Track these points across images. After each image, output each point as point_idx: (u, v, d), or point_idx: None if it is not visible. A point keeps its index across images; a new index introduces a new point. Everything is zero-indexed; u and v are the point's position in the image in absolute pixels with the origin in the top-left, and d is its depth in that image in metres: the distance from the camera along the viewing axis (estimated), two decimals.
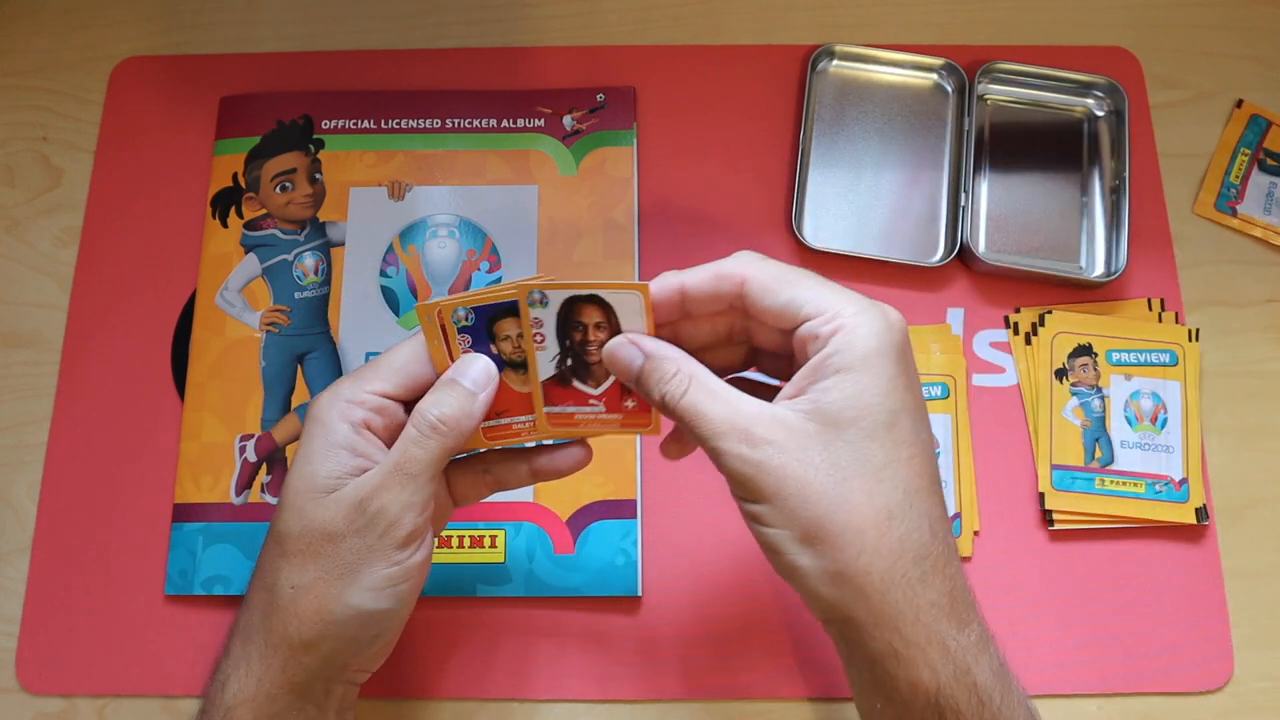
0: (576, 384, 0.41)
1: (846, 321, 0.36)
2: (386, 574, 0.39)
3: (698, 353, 0.40)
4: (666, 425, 0.42)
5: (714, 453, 0.37)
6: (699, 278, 0.39)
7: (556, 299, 0.39)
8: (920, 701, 0.36)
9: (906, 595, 0.35)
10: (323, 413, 0.40)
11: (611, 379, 0.41)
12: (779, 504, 0.36)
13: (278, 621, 0.39)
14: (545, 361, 0.40)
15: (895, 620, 0.35)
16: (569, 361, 0.40)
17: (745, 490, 0.37)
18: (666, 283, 0.39)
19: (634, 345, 0.39)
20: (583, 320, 0.39)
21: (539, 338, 0.40)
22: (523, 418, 0.42)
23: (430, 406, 0.39)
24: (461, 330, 0.40)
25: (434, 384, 0.41)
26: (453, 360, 0.41)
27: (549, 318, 0.39)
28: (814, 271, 0.39)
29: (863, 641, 0.36)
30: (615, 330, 0.39)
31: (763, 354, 0.42)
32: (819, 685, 0.52)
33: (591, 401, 0.41)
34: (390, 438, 0.40)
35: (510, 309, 0.40)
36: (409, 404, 0.41)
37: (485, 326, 0.40)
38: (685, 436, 0.42)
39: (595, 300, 0.39)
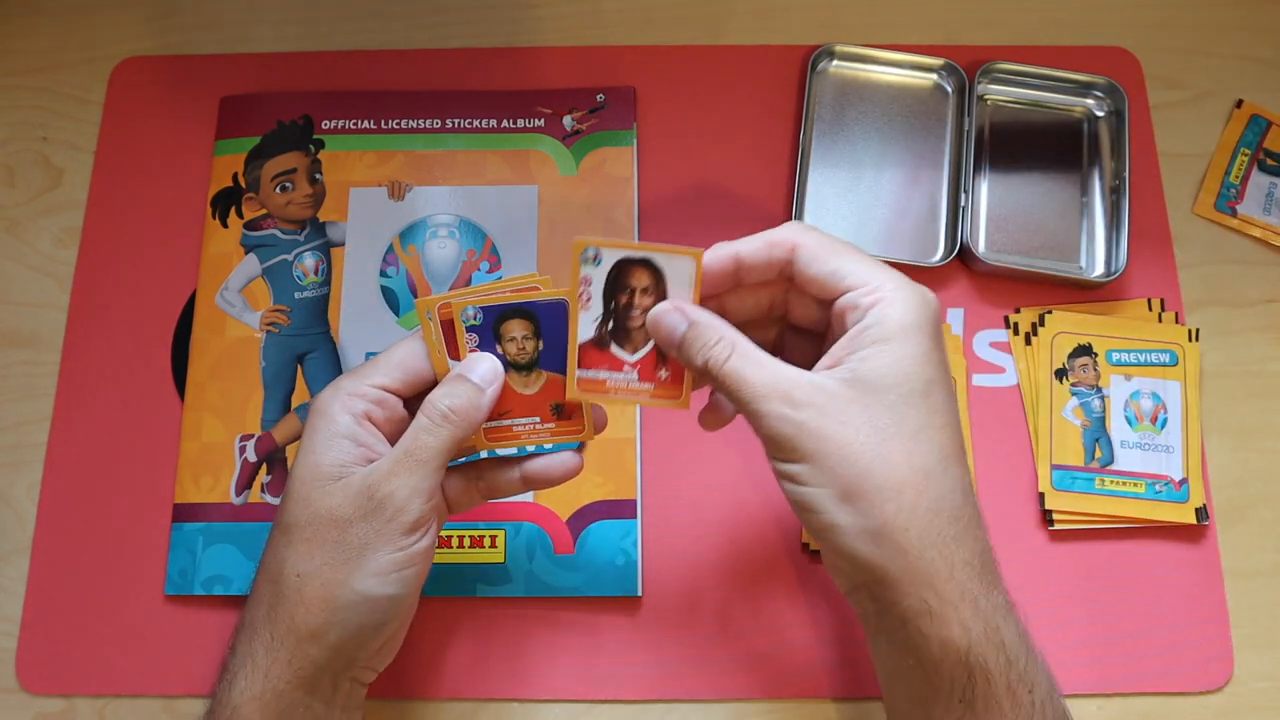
0: (614, 349, 0.41)
1: (886, 295, 0.38)
2: (392, 559, 0.40)
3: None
4: (696, 401, 0.42)
5: (755, 415, 0.38)
6: (753, 246, 0.40)
7: (609, 259, 0.39)
8: (951, 659, 0.37)
9: (942, 553, 0.36)
10: (325, 405, 0.41)
11: (648, 347, 0.41)
12: (819, 462, 0.37)
13: (284, 611, 0.39)
14: (587, 322, 0.41)
15: (931, 577, 0.36)
16: (610, 325, 0.41)
17: (785, 450, 0.38)
18: (721, 252, 0.40)
19: (679, 312, 0.40)
20: (631, 283, 0.40)
21: (585, 296, 0.40)
22: (524, 420, 0.43)
23: (441, 397, 0.40)
24: (469, 329, 0.41)
25: (432, 380, 0.42)
26: (451, 357, 0.42)
27: (598, 277, 0.40)
28: (858, 247, 0.40)
29: (895, 600, 0.37)
30: (662, 297, 0.40)
31: (792, 336, 0.43)
32: (819, 685, 0.52)
33: (626, 368, 0.41)
34: (390, 430, 0.42)
35: (517, 311, 0.40)
36: (409, 399, 0.42)
37: (492, 326, 0.41)
38: (721, 407, 0.43)
39: (647, 264, 0.39)
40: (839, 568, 0.39)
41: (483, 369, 0.41)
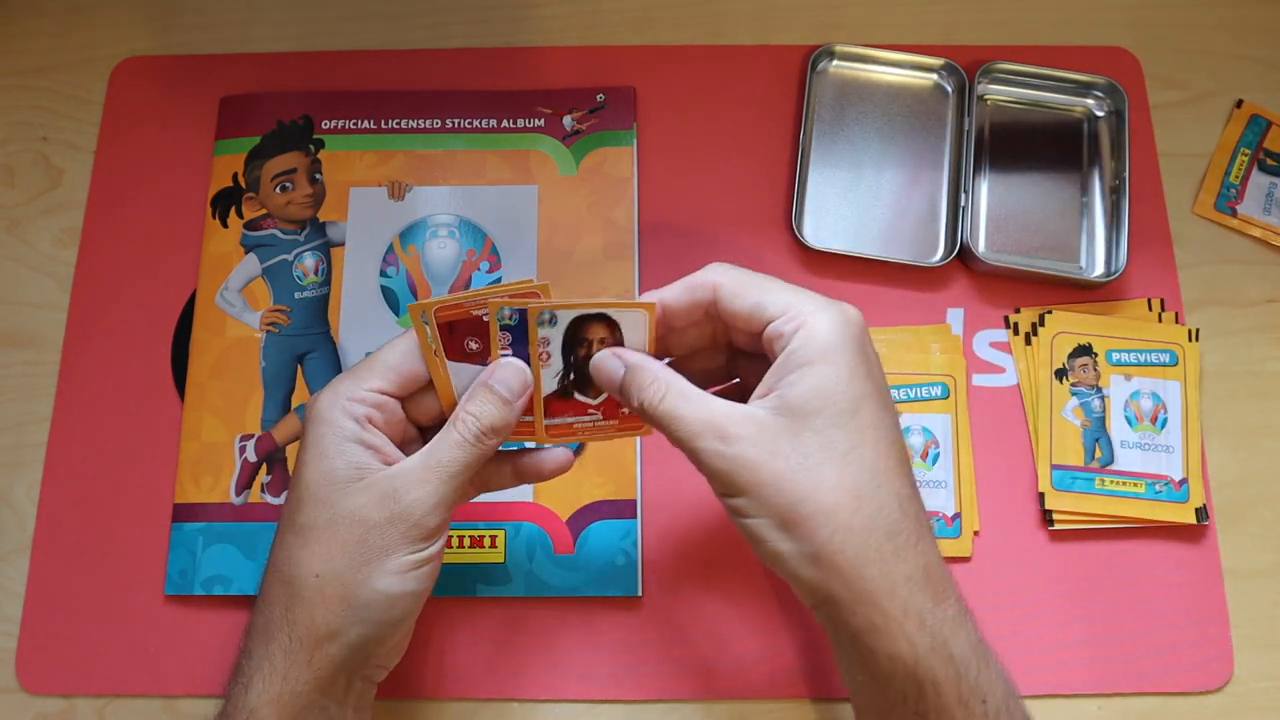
0: (577, 395, 0.43)
1: (807, 319, 0.39)
2: (410, 558, 0.40)
3: (686, 358, 0.44)
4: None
5: (692, 453, 0.39)
6: (674, 292, 0.42)
7: (564, 318, 0.41)
8: (900, 673, 0.38)
9: (881, 570, 0.37)
10: (326, 411, 0.41)
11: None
12: (755, 494, 0.38)
13: (302, 612, 0.40)
14: (549, 378, 0.42)
15: (873, 595, 0.37)
16: (571, 376, 0.42)
17: (723, 485, 0.39)
18: (646, 300, 0.42)
19: (617, 358, 0.41)
20: (588, 336, 0.41)
21: (544, 356, 0.42)
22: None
23: (477, 414, 0.41)
24: (503, 328, 0.41)
25: (426, 380, 0.42)
26: (472, 361, 0.42)
27: (556, 336, 0.41)
28: (777, 279, 0.41)
29: (844, 619, 0.38)
30: (619, 344, 0.42)
31: (742, 358, 0.44)
32: (819, 685, 0.52)
33: (590, 411, 0.44)
34: (391, 432, 0.42)
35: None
36: (405, 399, 0.43)
37: (527, 328, 0.41)
38: None
39: (603, 319, 0.41)
40: (794, 589, 0.40)
41: (512, 380, 0.42)
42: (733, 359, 0.45)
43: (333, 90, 0.62)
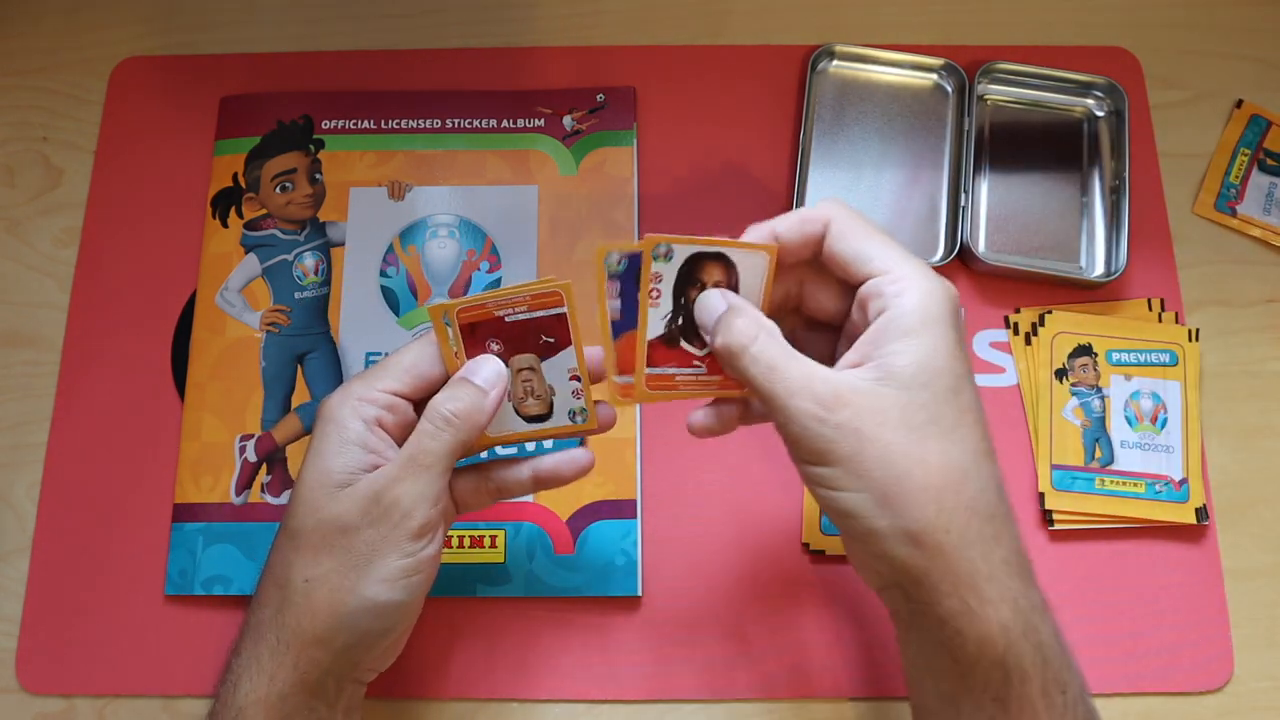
0: (684, 344, 0.41)
1: (912, 285, 0.37)
2: (400, 565, 0.40)
3: None
4: (681, 407, 0.42)
5: (784, 411, 0.37)
6: (789, 222, 0.40)
7: (680, 254, 0.39)
8: (988, 659, 0.36)
9: (982, 552, 0.36)
10: (334, 410, 0.41)
11: None
12: (855, 466, 0.36)
13: (291, 616, 0.39)
14: (656, 319, 0.40)
15: (972, 577, 0.36)
16: (680, 321, 0.40)
17: (816, 453, 0.37)
18: (759, 231, 0.40)
19: (721, 297, 0.40)
20: (702, 278, 0.40)
21: (655, 293, 0.40)
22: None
23: (444, 401, 0.40)
24: (611, 276, 0.40)
25: (443, 382, 0.42)
26: (462, 359, 0.42)
27: (669, 273, 0.39)
28: (887, 231, 0.40)
29: (934, 600, 0.36)
30: (734, 289, 0.40)
31: (805, 333, 0.43)
32: (819, 685, 0.52)
33: (695, 363, 0.41)
34: (401, 435, 0.41)
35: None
36: (419, 404, 0.42)
37: (635, 276, 0.40)
38: (720, 414, 0.42)
39: (721, 258, 0.39)
40: (873, 569, 0.39)
41: (486, 371, 0.41)
42: (796, 332, 0.43)
43: (333, 90, 0.62)
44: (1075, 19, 0.65)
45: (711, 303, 0.40)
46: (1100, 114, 0.62)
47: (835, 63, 0.63)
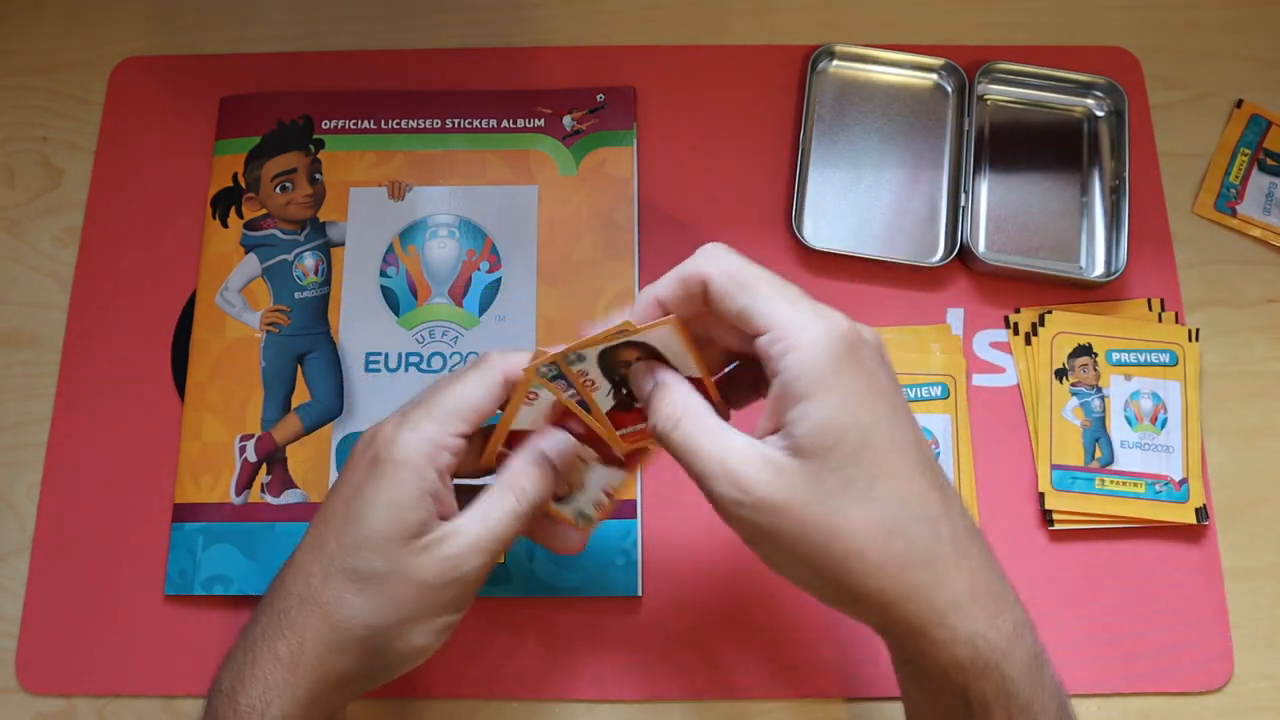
0: (637, 404, 0.42)
1: (795, 340, 0.36)
2: (450, 620, 0.41)
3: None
4: None
5: (709, 495, 0.38)
6: (668, 286, 0.39)
7: (591, 354, 0.40)
8: (949, 693, 0.37)
9: (924, 602, 0.36)
10: (409, 454, 0.39)
11: None
12: (780, 543, 0.36)
13: (341, 659, 0.40)
14: (603, 398, 0.41)
15: (920, 626, 0.36)
16: (624, 390, 0.41)
17: (746, 535, 0.38)
18: (645, 299, 0.39)
19: (649, 373, 0.40)
20: (621, 359, 0.40)
21: (589, 383, 0.41)
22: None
23: (533, 486, 0.41)
24: (553, 379, 0.40)
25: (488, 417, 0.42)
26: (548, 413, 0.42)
27: (590, 366, 0.40)
28: (769, 274, 0.38)
29: (892, 645, 0.39)
30: (656, 354, 0.40)
31: (748, 363, 0.42)
32: (819, 686, 0.52)
33: None
34: (457, 474, 0.41)
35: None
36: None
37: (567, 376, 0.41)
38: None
39: (630, 345, 0.40)
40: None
41: (565, 451, 0.42)
42: (738, 368, 0.43)
43: (333, 90, 0.62)
44: (1075, 19, 0.65)
45: (639, 380, 0.40)
46: (1100, 114, 0.62)
47: (835, 63, 0.63)
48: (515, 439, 0.43)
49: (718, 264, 0.38)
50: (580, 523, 0.45)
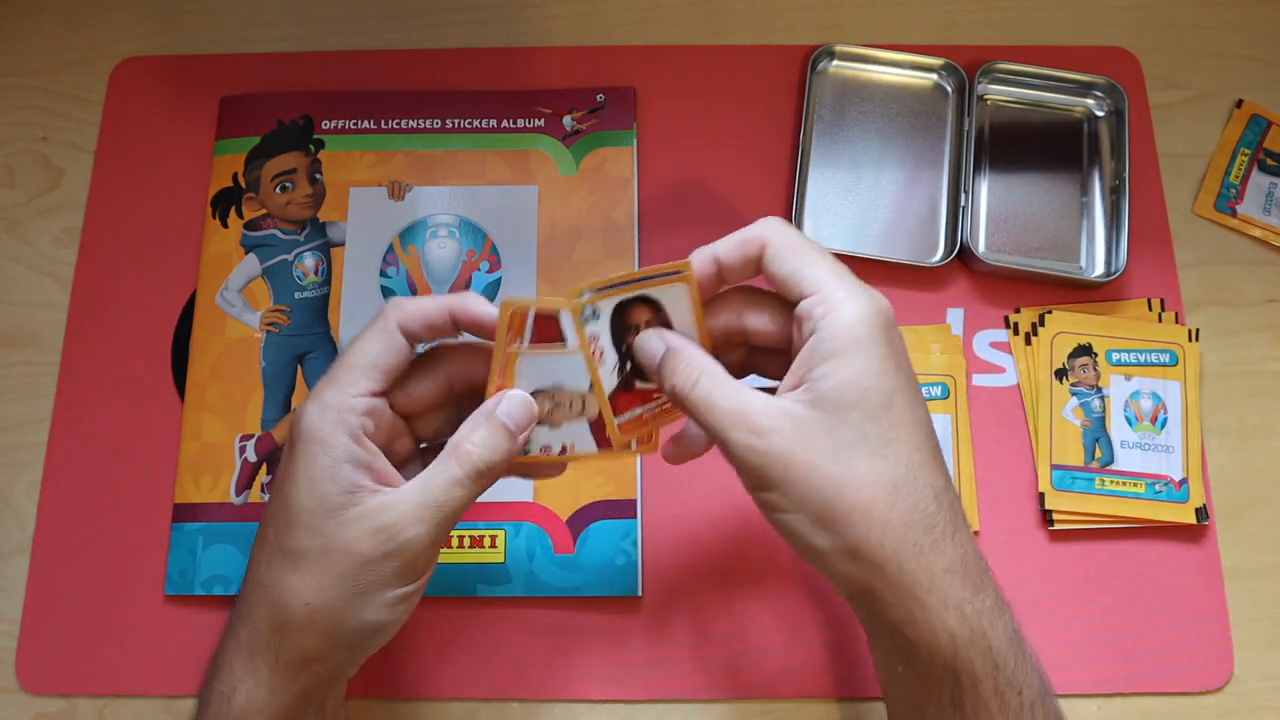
0: (639, 384, 0.42)
1: (837, 305, 0.38)
2: (402, 591, 0.40)
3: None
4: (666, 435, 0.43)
5: (723, 444, 0.38)
6: (728, 245, 0.40)
7: (606, 310, 0.40)
8: (938, 665, 0.37)
9: (921, 563, 0.37)
10: (315, 428, 0.39)
11: None
12: (789, 489, 0.37)
13: (290, 638, 0.39)
14: (607, 373, 0.41)
15: (913, 589, 0.37)
16: (628, 365, 0.41)
17: (756, 479, 0.38)
18: (702, 255, 0.41)
19: (658, 338, 0.41)
20: (632, 321, 0.41)
21: (597, 352, 0.41)
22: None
23: (478, 449, 0.40)
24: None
25: (404, 367, 0.41)
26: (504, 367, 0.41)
27: (603, 329, 0.40)
28: (822, 249, 0.40)
29: (883, 611, 0.38)
30: (665, 323, 0.41)
31: (759, 354, 0.43)
32: (819, 685, 0.52)
33: (655, 395, 0.42)
34: (383, 438, 0.41)
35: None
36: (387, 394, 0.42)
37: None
38: (686, 442, 0.44)
39: (644, 300, 0.40)
40: (832, 582, 0.40)
41: (519, 415, 0.41)
42: (751, 355, 0.44)
43: (333, 90, 0.62)
44: (1075, 19, 0.65)
45: (650, 346, 0.41)
46: (1100, 114, 0.62)
47: (835, 63, 0.63)
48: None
49: (777, 231, 0.40)
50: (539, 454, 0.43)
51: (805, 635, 0.53)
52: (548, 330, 0.41)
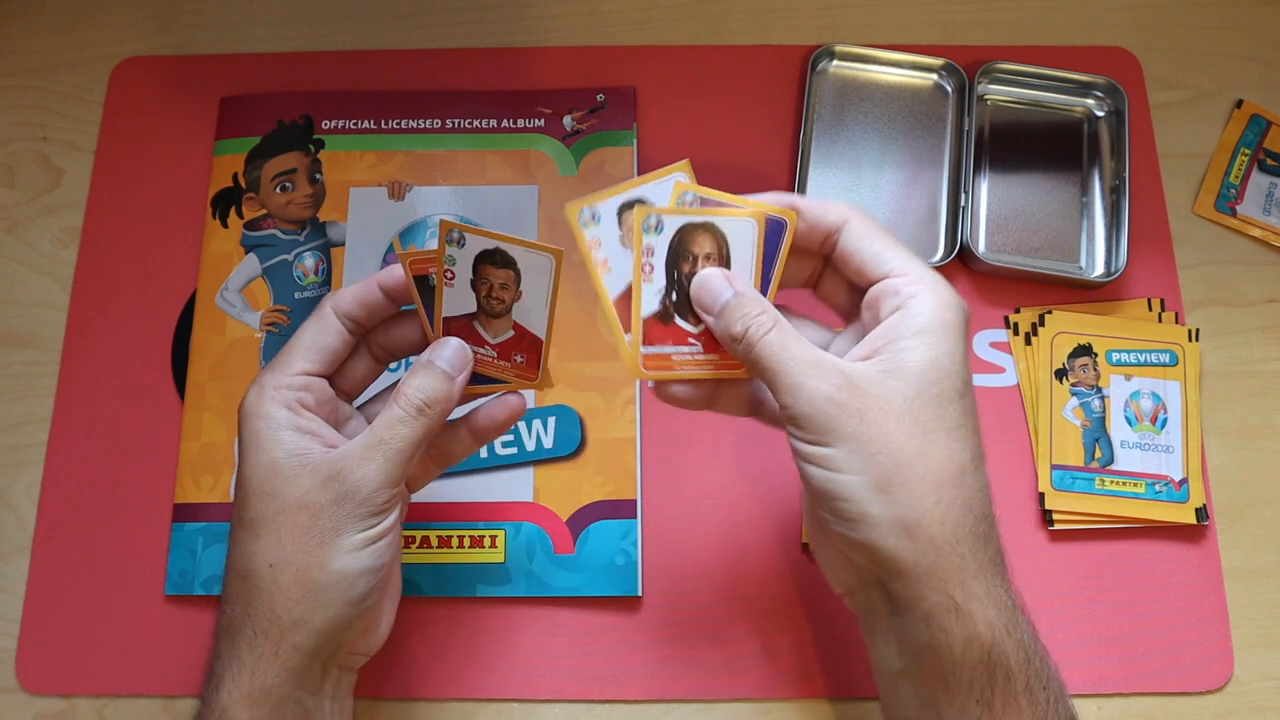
0: (678, 320, 0.40)
1: (928, 289, 0.38)
2: (363, 535, 0.40)
3: None
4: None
5: (795, 389, 0.37)
6: (810, 203, 0.40)
7: (670, 226, 0.39)
8: (973, 656, 0.37)
9: (973, 549, 0.37)
10: (254, 406, 0.41)
11: None
12: (859, 447, 0.36)
13: (262, 605, 0.39)
14: (650, 295, 0.40)
15: (961, 573, 0.36)
16: (674, 296, 0.40)
17: (820, 430, 0.37)
18: (781, 199, 0.40)
19: (725, 279, 0.40)
20: (694, 250, 0.39)
21: (648, 267, 0.39)
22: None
23: (415, 389, 0.41)
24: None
25: (347, 352, 0.43)
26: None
27: (661, 246, 0.39)
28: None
29: (920, 595, 0.36)
30: (724, 262, 0.40)
31: (808, 327, 0.43)
32: (819, 686, 0.52)
33: (691, 340, 0.41)
34: (324, 413, 0.42)
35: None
36: (333, 378, 0.43)
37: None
38: (699, 393, 0.42)
39: (710, 229, 0.39)
40: (852, 565, 0.39)
41: (450, 354, 0.41)
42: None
43: (333, 90, 0.62)
44: (1075, 19, 0.65)
45: (715, 286, 0.40)
46: (1100, 114, 0.62)
47: (835, 63, 0.63)
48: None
49: (859, 212, 0.41)
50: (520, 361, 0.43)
51: (805, 635, 0.53)
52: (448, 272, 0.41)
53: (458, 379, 0.41)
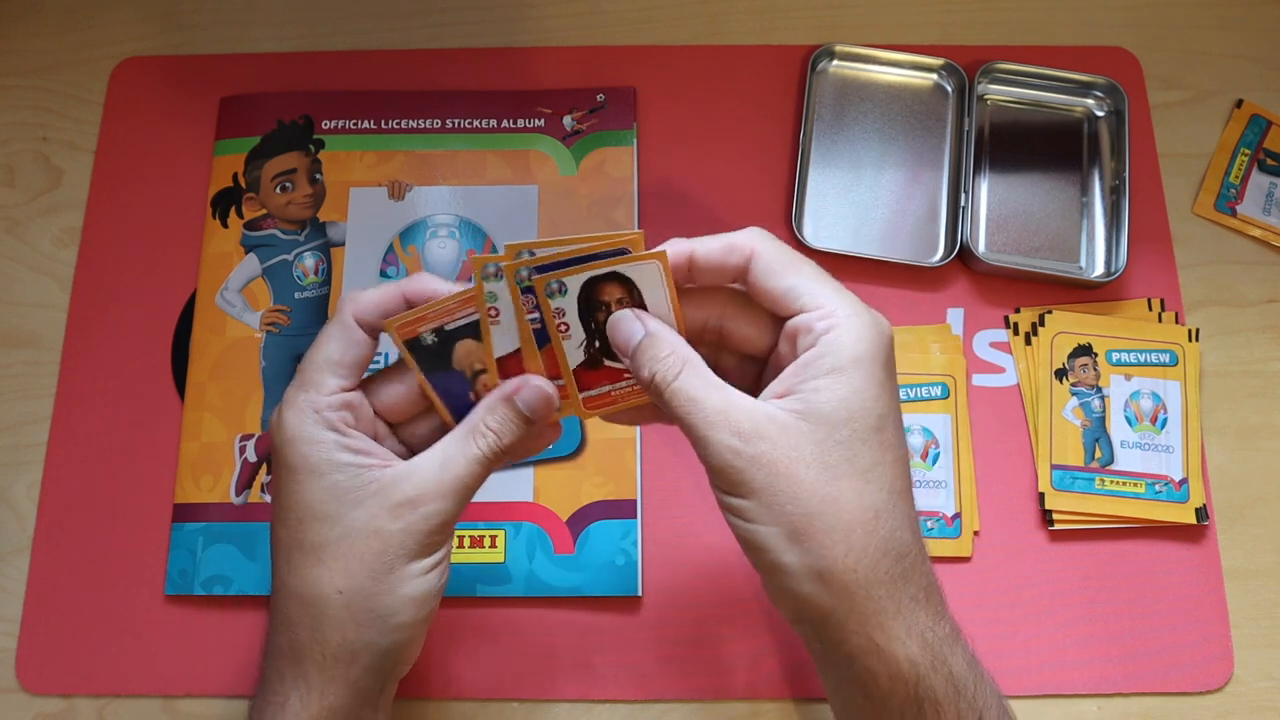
0: (608, 362, 0.40)
1: (841, 322, 0.37)
2: (431, 559, 0.40)
3: None
4: None
5: (703, 442, 0.37)
6: (710, 246, 0.39)
7: (574, 285, 0.38)
8: (900, 694, 0.37)
9: (889, 591, 0.36)
10: (299, 429, 0.39)
11: None
12: (767, 499, 0.36)
13: (332, 631, 0.39)
14: (573, 349, 0.40)
15: (879, 616, 0.36)
16: (596, 344, 0.40)
17: (731, 484, 0.37)
18: (677, 248, 0.39)
19: (637, 320, 0.39)
20: (604, 299, 0.39)
21: (563, 327, 0.39)
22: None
23: (498, 433, 0.40)
24: (524, 290, 0.39)
25: (369, 359, 0.41)
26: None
27: (570, 305, 0.39)
28: (815, 263, 0.39)
29: (842, 639, 0.37)
30: (639, 304, 0.39)
31: (728, 360, 0.42)
32: (819, 686, 0.52)
33: (626, 375, 0.41)
34: (366, 430, 0.41)
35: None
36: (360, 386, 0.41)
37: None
38: (650, 414, 0.42)
39: (617, 277, 0.39)
40: (783, 603, 0.39)
41: (537, 404, 0.40)
42: (718, 360, 0.42)
43: (333, 90, 0.62)
44: (1075, 19, 0.65)
45: (628, 328, 0.39)
46: (1100, 114, 0.62)
47: (835, 63, 0.63)
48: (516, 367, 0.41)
49: (767, 243, 0.39)
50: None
51: None
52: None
53: (536, 425, 0.40)
